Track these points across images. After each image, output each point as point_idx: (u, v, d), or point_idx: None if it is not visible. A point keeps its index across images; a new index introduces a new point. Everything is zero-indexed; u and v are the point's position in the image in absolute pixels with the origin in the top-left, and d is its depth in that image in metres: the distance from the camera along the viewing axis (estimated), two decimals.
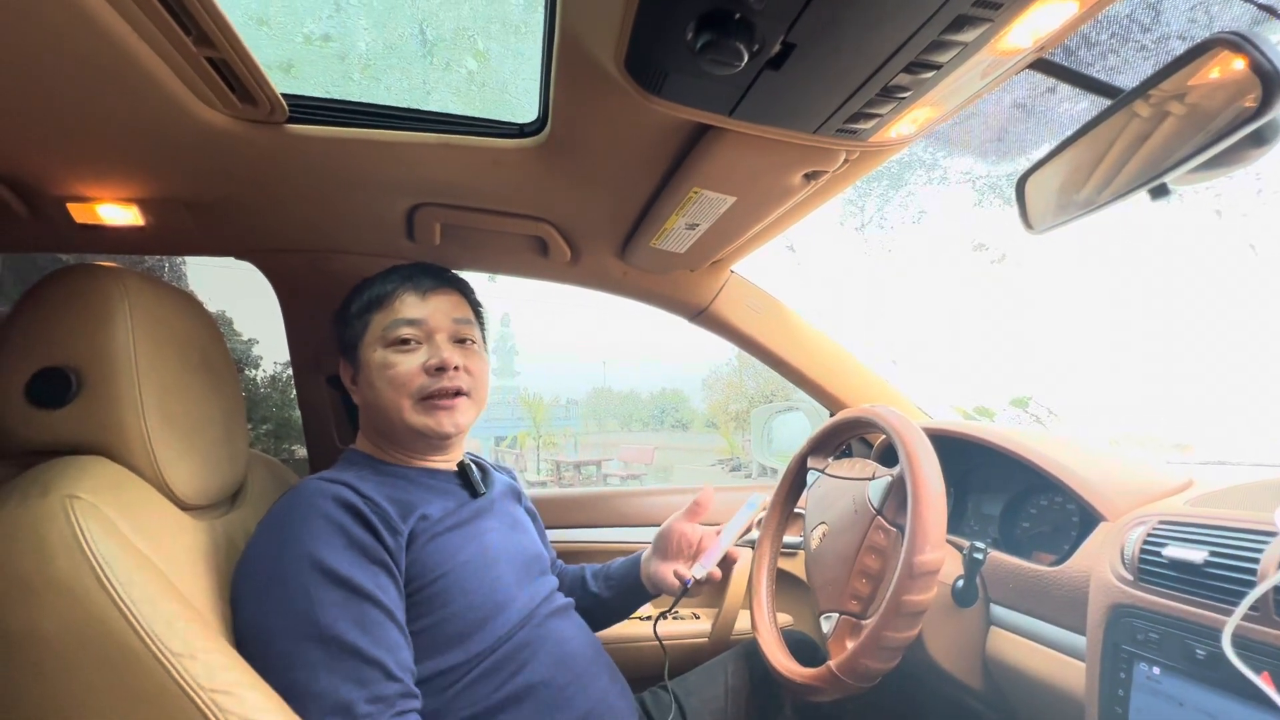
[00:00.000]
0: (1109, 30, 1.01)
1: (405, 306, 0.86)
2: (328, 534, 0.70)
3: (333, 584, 0.67)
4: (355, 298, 0.90)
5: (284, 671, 0.63)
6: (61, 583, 0.53)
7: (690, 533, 0.93)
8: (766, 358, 1.33)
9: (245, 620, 0.68)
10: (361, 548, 0.70)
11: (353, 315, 0.89)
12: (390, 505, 0.76)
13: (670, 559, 0.93)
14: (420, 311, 0.86)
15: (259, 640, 0.66)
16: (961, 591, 0.87)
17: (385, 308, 0.87)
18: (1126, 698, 0.64)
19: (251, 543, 0.72)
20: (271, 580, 0.68)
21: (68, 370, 0.64)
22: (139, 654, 0.52)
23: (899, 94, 0.57)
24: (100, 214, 0.88)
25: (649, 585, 0.96)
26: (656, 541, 0.95)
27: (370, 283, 0.90)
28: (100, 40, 0.54)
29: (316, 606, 0.66)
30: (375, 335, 0.86)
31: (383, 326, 0.86)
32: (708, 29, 0.49)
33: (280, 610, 0.66)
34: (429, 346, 0.86)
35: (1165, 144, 0.61)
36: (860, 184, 5.26)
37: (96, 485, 0.59)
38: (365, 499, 0.74)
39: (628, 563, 1.01)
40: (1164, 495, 0.78)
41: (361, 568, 0.69)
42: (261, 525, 0.73)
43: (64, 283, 0.67)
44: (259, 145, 0.76)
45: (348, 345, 0.90)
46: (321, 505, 0.71)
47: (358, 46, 1.13)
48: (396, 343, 0.85)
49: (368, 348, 0.87)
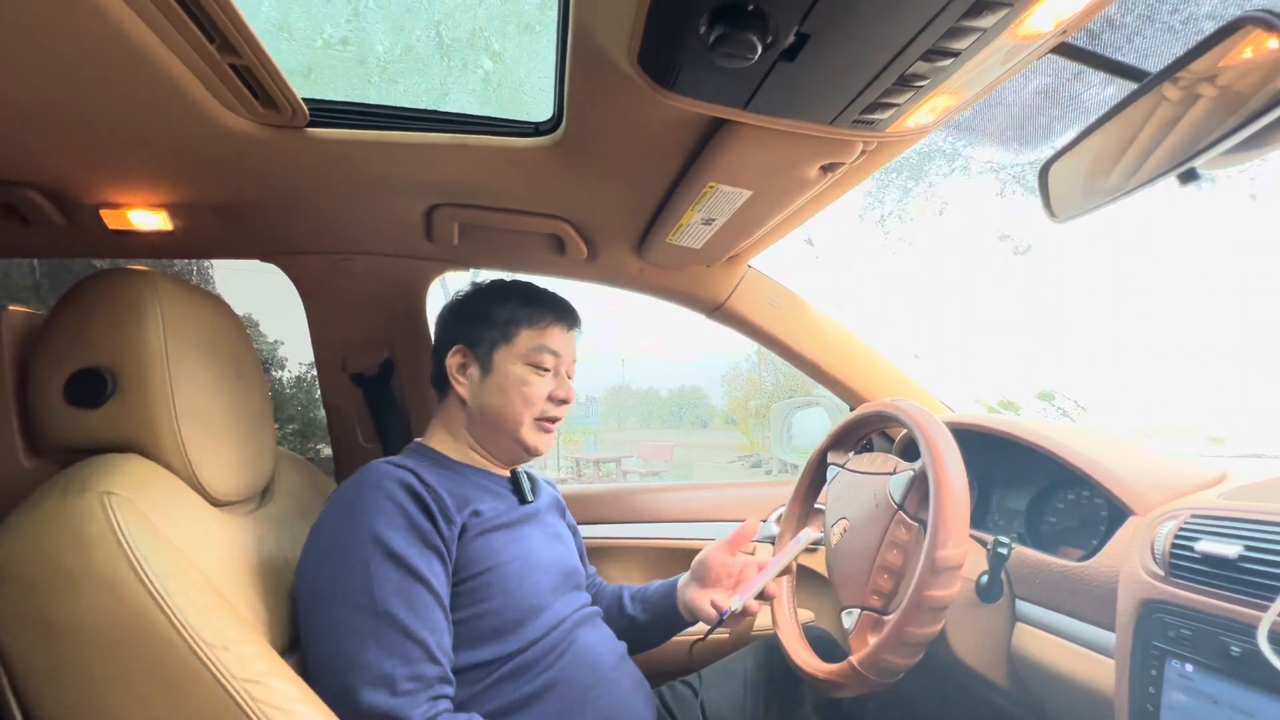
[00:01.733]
0: (1134, 11, 0.98)
1: (554, 338, 0.92)
2: (390, 513, 0.74)
3: (390, 561, 0.71)
4: (501, 302, 0.93)
5: (335, 638, 0.68)
6: (100, 576, 0.55)
7: (731, 563, 0.91)
8: (785, 352, 1.32)
9: (306, 585, 0.73)
10: (420, 531, 0.74)
11: (498, 319, 0.91)
12: (448, 496, 0.79)
13: (709, 587, 0.91)
14: (562, 347, 0.93)
15: (316, 605, 0.71)
16: (986, 587, 0.86)
17: (538, 329, 0.92)
18: (1158, 695, 0.63)
19: (320, 518, 0.77)
20: (334, 550, 0.73)
21: (104, 371, 0.66)
22: (174, 644, 0.54)
23: (916, 83, 0.56)
24: (131, 220, 0.91)
25: (685, 613, 0.94)
26: (695, 569, 0.93)
27: (524, 297, 0.94)
28: (129, 51, 0.56)
29: (374, 580, 0.70)
30: (520, 350, 0.90)
31: (530, 346, 0.90)
32: (720, 22, 0.48)
33: (340, 578, 0.71)
34: (556, 378, 0.93)
35: (1196, 127, 0.59)
36: (880, 176, 5.18)
37: (132, 482, 0.61)
38: (427, 486, 0.77)
39: (664, 587, 1.00)
40: (1196, 489, 0.76)
41: (418, 550, 0.73)
42: (330, 501, 0.78)
43: (98, 286, 0.70)
44: (281, 149, 0.77)
45: (480, 342, 0.92)
46: (387, 486, 0.75)
47: (375, 50, 1.14)
48: (537, 366, 0.91)
49: (508, 358, 0.90)
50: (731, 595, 0.88)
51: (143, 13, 0.53)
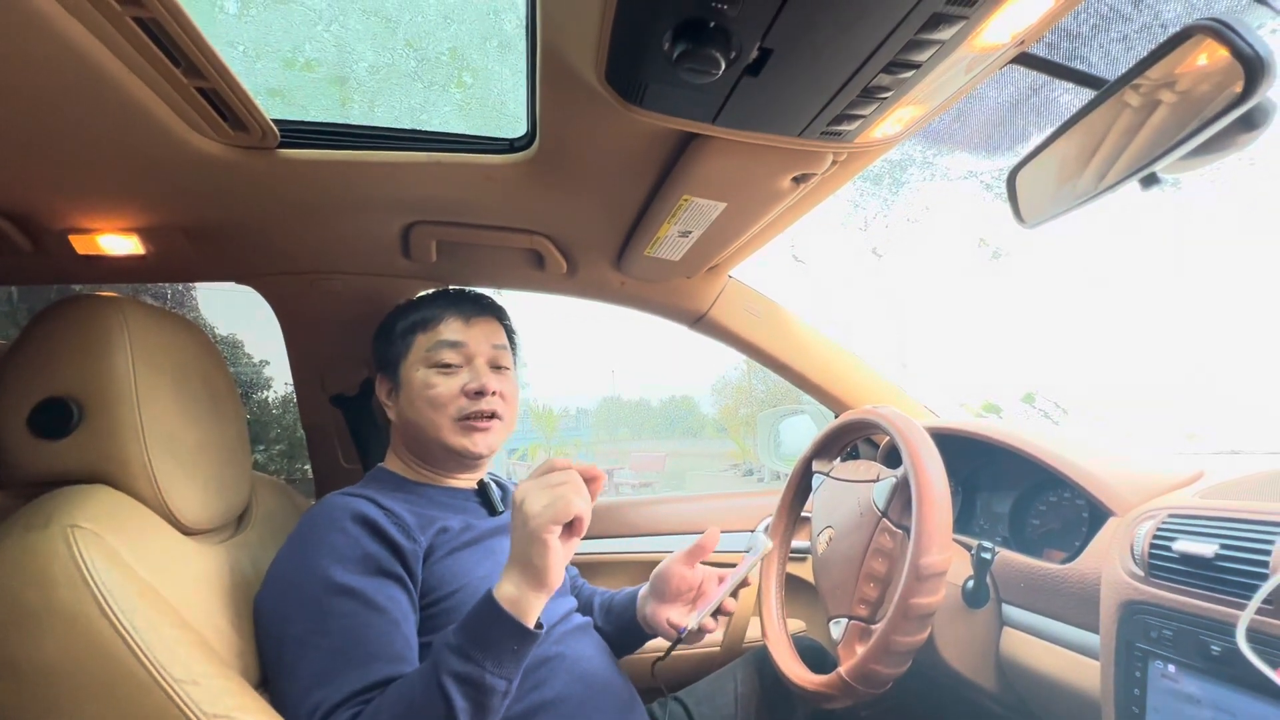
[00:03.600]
0: (1089, 22, 1.00)
1: (449, 330, 0.90)
2: (341, 547, 0.72)
3: (344, 596, 0.69)
4: (400, 318, 0.94)
5: (293, 678, 0.66)
6: (64, 612, 0.53)
7: (690, 575, 0.86)
8: (768, 362, 1.32)
9: (264, 627, 0.72)
10: (374, 560, 0.73)
11: (396, 334, 0.92)
12: (410, 516, 0.78)
13: (668, 602, 0.87)
14: (463, 336, 0.90)
15: (275, 646, 0.70)
16: (972, 592, 0.86)
17: (429, 330, 0.90)
18: (1143, 697, 0.63)
19: (277, 555, 0.76)
20: (288, 590, 0.72)
21: (69, 401, 0.65)
22: (142, 681, 0.53)
23: (880, 94, 0.57)
24: (101, 244, 0.90)
25: (645, 627, 0.91)
26: (654, 582, 0.89)
27: (415, 305, 0.94)
28: (92, 76, 0.55)
29: (327, 617, 0.68)
30: (418, 355, 0.90)
31: (426, 348, 0.89)
32: (684, 38, 0.49)
33: (294, 619, 0.69)
34: (469, 370, 0.89)
35: (1156, 133, 0.60)
36: (861, 185, 5.23)
37: (99, 514, 0.60)
38: (385, 510, 0.76)
39: (627, 599, 0.96)
40: (1173, 487, 0.76)
41: (373, 580, 0.71)
42: (288, 539, 0.77)
43: (63, 314, 0.68)
44: (252, 171, 0.77)
45: (388, 362, 0.93)
46: (339, 520, 0.74)
47: (350, 70, 1.14)
48: (439, 365, 0.88)
49: (410, 367, 0.90)
50: (689, 612, 0.85)
51: (105, 38, 0.53)
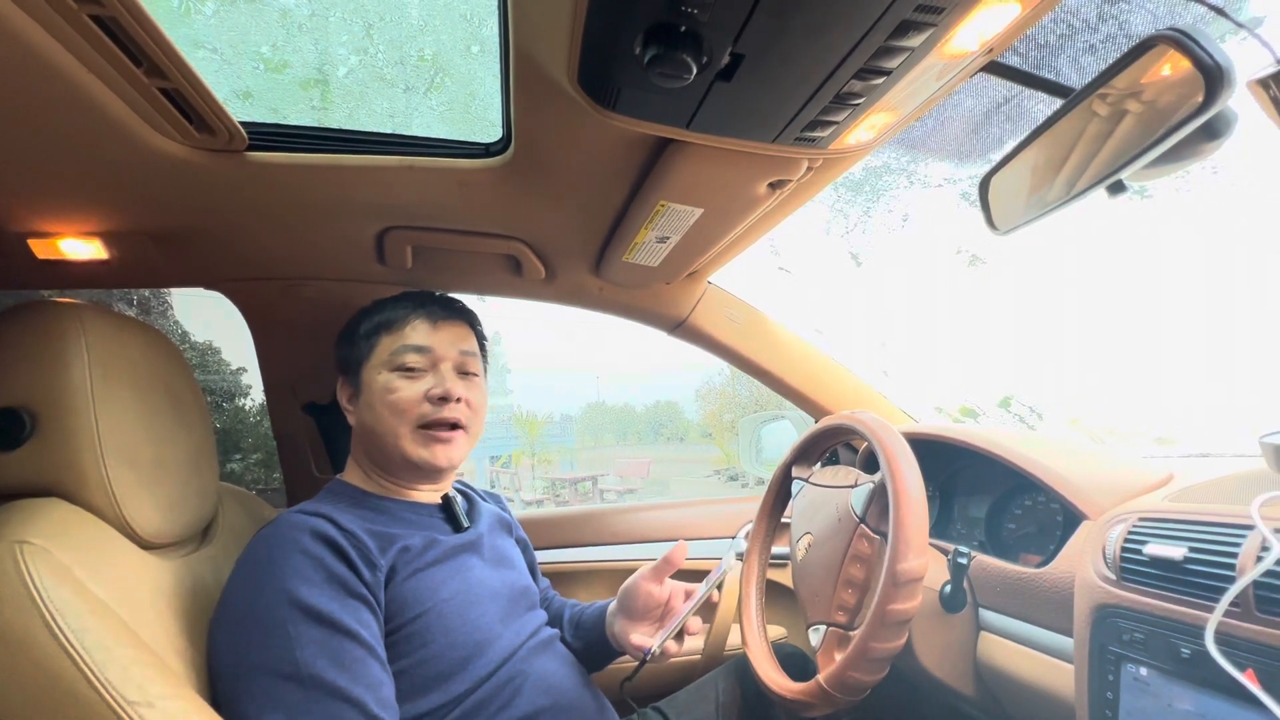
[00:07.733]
0: (1056, 32, 1.02)
1: (415, 333, 0.86)
2: (305, 569, 0.68)
3: (311, 621, 0.65)
4: (364, 319, 0.89)
5: (261, 712, 0.61)
6: (11, 634, 0.51)
7: (658, 591, 0.83)
8: (748, 367, 1.32)
9: (222, 658, 0.66)
10: (340, 582, 0.69)
11: (360, 336, 0.88)
12: (369, 538, 0.74)
13: (636, 619, 0.85)
14: (429, 339, 0.86)
15: (237, 679, 0.64)
16: (949, 597, 0.86)
17: (394, 332, 0.86)
18: (1116, 700, 0.63)
19: (230, 580, 0.70)
20: (248, 618, 0.66)
21: (21, 411, 0.62)
22: (91, 704, 0.50)
23: (853, 100, 0.57)
24: (63, 249, 0.87)
25: (614, 643, 0.89)
26: (621, 598, 0.87)
27: (381, 305, 0.90)
28: (47, 74, 0.54)
29: (295, 645, 0.64)
30: (381, 358, 0.85)
31: (390, 350, 0.85)
32: (654, 43, 0.48)
33: (258, 648, 0.64)
34: (433, 375, 0.85)
35: (1122, 141, 0.61)
36: (843, 193, 5.29)
37: (50, 529, 0.57)
38: (344, 531, 0.72)
39: (596, 614, 0.94)
40: (1144, 491, 0.77)
41: (340, 603, 0.68)
42: (239, 562, 0.71)
43: (18, 320, 0.66)
44: (220, 174, 0.75)
45: (350, 365, 0.88)
46: (299, 539, 0.70)
47: (328, 72, 1.12)
48: (402, 368, 0.84)
49: (372, 370, 0.85)
50: (656, 630, 0.83)
51: (61, 37, 0.51)
